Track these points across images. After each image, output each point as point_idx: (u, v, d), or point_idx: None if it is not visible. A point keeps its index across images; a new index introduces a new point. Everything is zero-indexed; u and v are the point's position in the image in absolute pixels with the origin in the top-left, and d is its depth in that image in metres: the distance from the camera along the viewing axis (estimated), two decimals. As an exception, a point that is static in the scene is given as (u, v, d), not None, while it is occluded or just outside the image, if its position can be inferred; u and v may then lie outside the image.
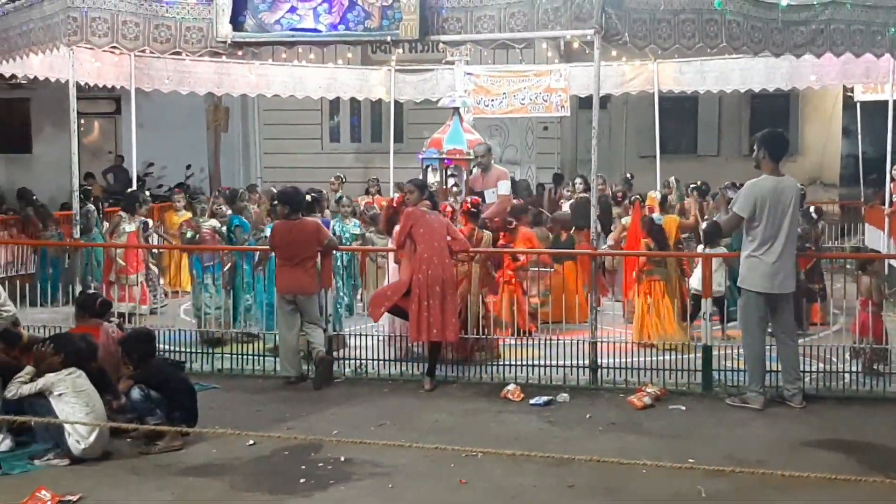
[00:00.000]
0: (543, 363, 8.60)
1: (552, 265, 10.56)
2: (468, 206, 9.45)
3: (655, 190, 12.69)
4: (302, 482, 6.05)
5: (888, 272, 11.34)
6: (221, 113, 18.95)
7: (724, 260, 9.48)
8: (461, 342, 8.73)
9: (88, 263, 11.42)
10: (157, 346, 7.71)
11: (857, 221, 17.02)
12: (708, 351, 8.30)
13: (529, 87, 13.98)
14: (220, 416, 7.37)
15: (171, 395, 6.83)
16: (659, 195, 11.24)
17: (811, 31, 8.74)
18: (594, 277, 8.92)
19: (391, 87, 14.84)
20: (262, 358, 9.08)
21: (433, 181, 11.13)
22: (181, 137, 19.42)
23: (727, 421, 7.42)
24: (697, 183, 13.90)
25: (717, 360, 8.34)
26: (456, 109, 11.86)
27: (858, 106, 15.77)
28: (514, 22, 8.64)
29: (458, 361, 8.81)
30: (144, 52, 10.11)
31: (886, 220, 12.56)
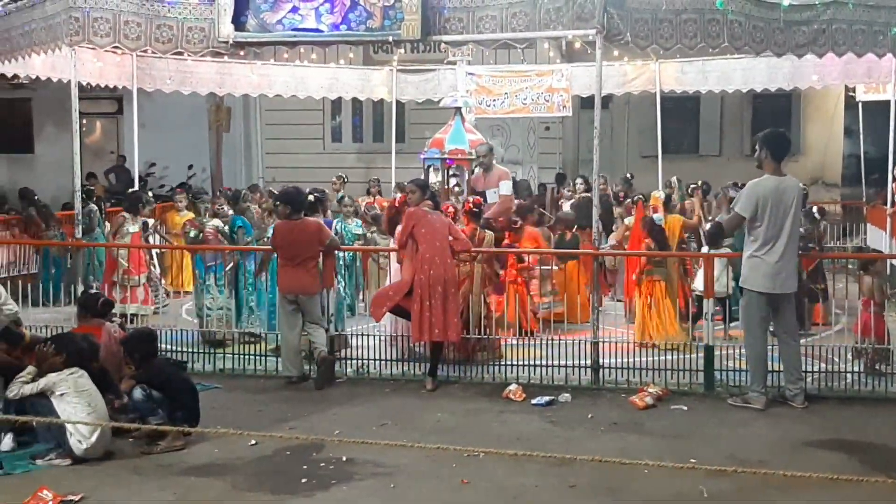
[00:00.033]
0: (545, 363, 8.59)
1: (559, 264, 10.55)
2: (470, 206, 9.45)
3: (657, 190, 12.67)
4: (304, 482, 6.05)
5: (890, 272, 11.33)
6: (223, 113, 18.96)
7: (728, 260, 9.48)
8: (463, 342, 8.73)
9: (90, 263, 11.42)
10: (158, 345, 7.73)
11: (858, 221, 17.00)
12: (710, 351, 8.29)
13: (531, 87, 13.98)
14: (221, 415, 7.38)
15: (172, 394, 6.83)
16: (663, 195, 11.24)
17: (813, 30, 8.75)
18: (596, 277, 8.92)
19: (393, 87, 14.85)
20: (263, 358, 9.08)
21: (435, 181, 11.14)
22: (183, 137, 19.41)
23: (729, 421, 7.41)
24: (698, 183, 13.90)
25: (718, 360, 8.34)
26: (458, 109, 11.87)
27: (860, 106, 15.79)
28: (515, 22, 8.65)
29: (459, 361, 8.80)
30: (146, 52, 10.13)
31: (888, 220, 12.54)
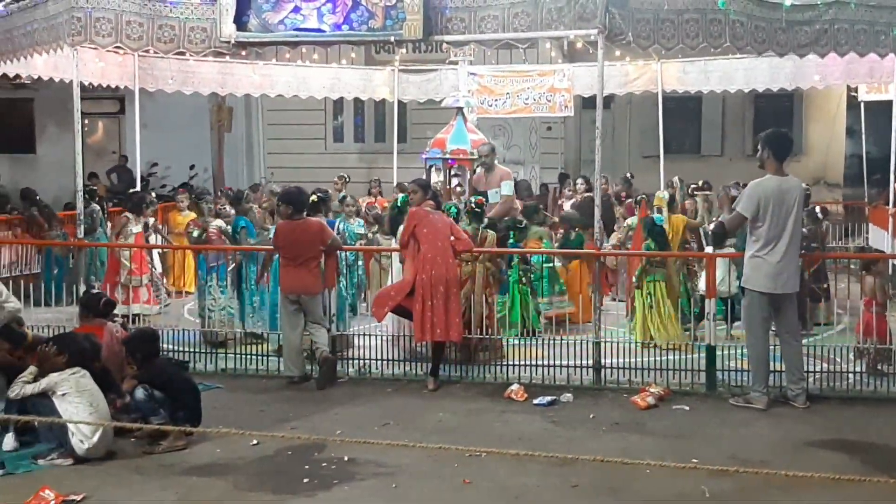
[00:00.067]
0: (547, 363, 8.59)
1: (565, 263, 10.57)
2: (472, 206, 9.46)
3: (661, 190, 12.62)
4: (305, 482, 6.05)
5: (892, 272, 11.31)
6: (225, 113, 18.97)
7: (732, 260, 9.46)
8: (464, 342, 8.73)
9: (91, 263, 11.42)
10: (160, 345, 7.72)
11: (860, 221, 16.98)
12: (712, 351, 8.28)
13: (533, 87, 13.98)
14: (223, 415, 7.38)
15: (174, 394, 6.83)
16: (667, 195, 11.24)
17: (815, 30, 8.75)
18: (598, 277, 8.92)
19: (395, 87, 14.86)
20: (265, 358, 9.08)
21: (437, 181, 11.14)
22: (185, 137, 19.40)
23: (731, 421, 7.41)
24: (699, 183, 13.86)
25: (720, 360, 8.33)
26: (459, 109, 11.88)
27: (862, 106, 15.77)
28: (517, 22, 8.64)
29: (461, 361, 8.80)
30: (148, 52, 10.14)
31: (890, 220, 12.53)
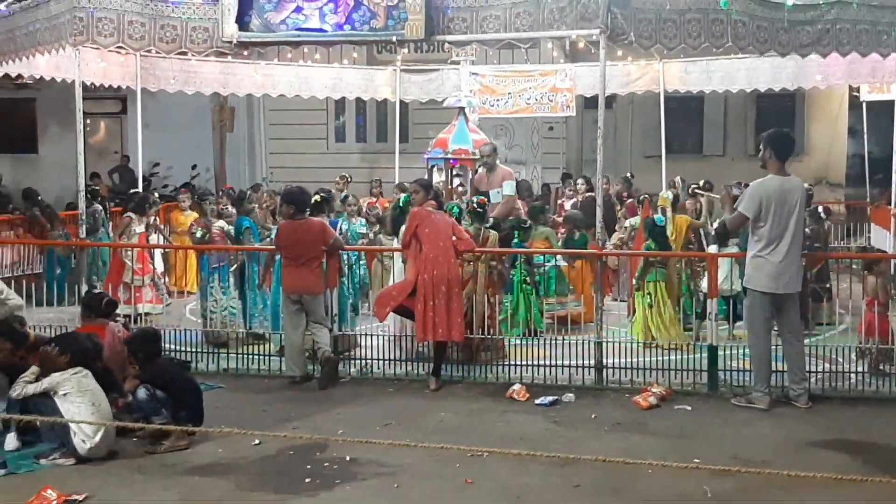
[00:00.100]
0: (549, 363, 8.59)
1: (572, 263, 10.57)
2: (474, 206, 9.46)
3: (664, 190, 12.61)
4: (307, 482, 6.05)
5: (894, 272, 11.30)
6: (227, 113, 18.97)
7: (735, 259, 9.44)
8: (466, 342, 8.73)
9: (93, 263, 11.41)
10: (162, 345, 7.72)
11: (862, 221, 16.97)
12: (713, 351, 8.28)
13: (535, 86, 13.98)
14: (225, 415, 7.39)
15: (176, 394, 6.83)
16: (671, 195, 11.22)
17: (817, 30, 8.75)
18: (599, 277, 8.92)
19: (397, 87, 14.86)
20: (267, 358, 9.08)
21: (438, 181, 11.13)
22: (187, 137, 19.40)
23: (733, 421, 7.41)
24: (700, 183, 13.84)
25: (722, 360, 8.34)
26: (461, 109, 11.87)
27: (864, 106, 15.73)
28: (519, 22, 8.65)
29: (463, 361, 8.80)
30: (150, 52, 10.14)
31: (893, 220, 12.53)
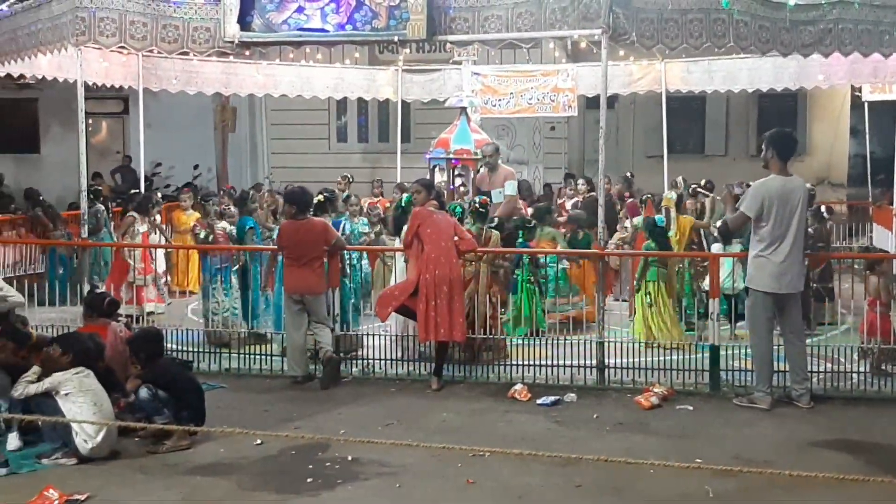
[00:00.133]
0: (551, 363, 8.59)
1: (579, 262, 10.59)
2: (476, 206, 9.45)
3: (667, 190, 12.60)
4: (309, 481, 6.06)
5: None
6: (229, 113, 18.97)
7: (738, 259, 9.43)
8: (468, 342, 8.73)
9: (95, 263, 11.42)
10: (164, 345, 7.73)
11: (865, 221, 16.95)
12: (715, 351, 8.28)
13: (537, 86, 13.98)
14: (227, 415, 7.39)
15: (178, 394, 6.83)
16: (675, 196, 11.21)
17: (819, 30, 8.74)
18: (601, 277, 8.91)
19: (398, 87, 14.87)
20: (269, 358, 9.09)
21: (440, 181, 11.14)
22: (189, 137, 19.42)
23: (735, 421, 7.41)
24: (702, 182, 13.83)
25: (724, 359, 8.33)
26: (463, 109, 11.88)
27: (866, 106, 15.74)
28: (521, 22, 8.64)
29: (465, 361, 8.80)
30: (152, 52, 10.15)
31: (895, 220, 12.52)
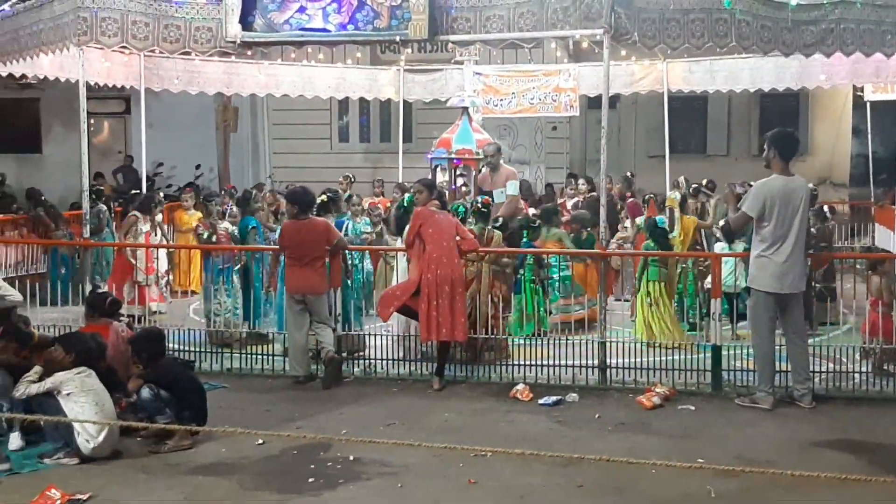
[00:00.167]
0: (552, 363, 8.59)
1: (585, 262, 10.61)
2: (478, 206, 9.45)
3: (670, 190, 12.58)
4: (311, 481, 6.06)
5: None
6: (231, 113, 18.99)
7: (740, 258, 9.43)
8: (470, 342, 8.73)
9: (97, 263, 11.41)
10: (166, 345, 7.73)
11: (867, 221, 16.96)
12: (717, 351, 8.28)
13: (538, 86, 13.98)
14: (229, 415, 7.39)
15: (180, 394, 6.84)
16: (678, 196, 11.20)
17: (821, 30, 8.73)
18: (603, 278, 8.91)
19: (400, 86, 14.87)
20: (271, 357, 9.09)
21: (442, 181, 11.13)
22: (190, 137, 19.43)
23: (736, 421, 7.40)
24: (703, 182, 13.82)
25: (726, 360, 8.33)
26: (465, 109, 11.89)
27: (868, 105, 15.73)
28: (523, 22, 8.64)
29: (467, 361, 8.81)
30: (154, 51, 10.14)
31: (897, 219, 12.53)
